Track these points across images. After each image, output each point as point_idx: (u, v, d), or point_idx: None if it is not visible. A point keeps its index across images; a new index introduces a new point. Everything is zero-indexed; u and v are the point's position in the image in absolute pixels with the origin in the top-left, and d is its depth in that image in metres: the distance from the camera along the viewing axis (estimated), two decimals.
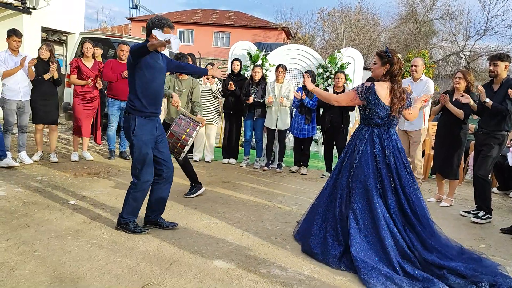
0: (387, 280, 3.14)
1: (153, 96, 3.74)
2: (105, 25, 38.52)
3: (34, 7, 10.59)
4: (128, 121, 3.73)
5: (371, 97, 3.68)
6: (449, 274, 3.24)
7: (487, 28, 26.88)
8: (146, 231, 3.84)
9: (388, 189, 3.63)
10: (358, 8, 33.91)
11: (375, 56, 3.86)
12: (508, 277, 3.23)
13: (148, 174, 3.75)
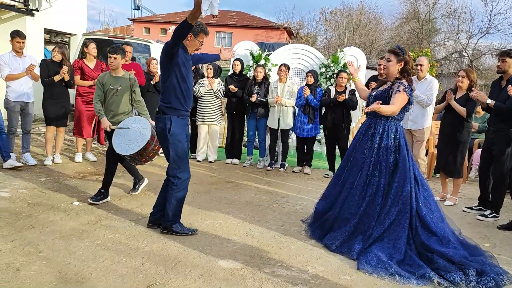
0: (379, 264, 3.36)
1: (188, 94, 3.77)
2: (107, 26, 38.61)
3: (36, 8, 10.61)
4: (163, 121, 3.68)
5: (411, 94, 3.85)
6: (438, 258, 3.38)
7: (490, 26, 26.81)
8: (195, 231, 3.88)
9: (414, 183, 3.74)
10: (360, 7, 33.91)
11: (388, 53, 3.88)
12: (495, 266, 3.35)
13: (187, 171, 3.79)
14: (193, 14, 3.24)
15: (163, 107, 3.72)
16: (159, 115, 3.73)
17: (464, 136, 5.42)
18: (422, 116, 6.02)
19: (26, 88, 5.98)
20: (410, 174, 3.75)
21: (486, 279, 3.18)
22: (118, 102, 4.75)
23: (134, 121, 4.63)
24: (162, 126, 3.68)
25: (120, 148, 4.44)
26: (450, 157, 5.48)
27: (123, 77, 4.81)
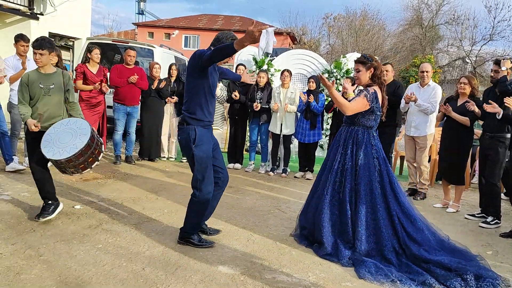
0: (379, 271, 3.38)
1: (213, 105, 3.68)
2: (111, 30, 38.81)
3: (41, 12, 10.69)
4: (187, 131, 3.53)
5: (375, 101, 3.83)
6: (434, 268, 3.41)
7: (493, 33, 26.87)
8: (212, 244, 3.75)
9: (387, 188, 3.79)
10: (363, 14, 34.00)
11: (356, 64, 3.96)
12: (490, 271, 3.41)
13: (209, 184, 3.62)
14: (242, 42, 3.09)
15: (187, 117, 3.55)
16: (183, 125, 3.57)
17: (466, 143, 5.41)
18: (425, 123, 6.01)
19: None
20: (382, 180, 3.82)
21: (486, 284, 3.23)
22: (51, 103, 4.11)
23: (68, 122, 4.09)
24: (186, 137, 3.53)
25: (52, 152, 3.85)
26: (452, 164, 5.46)
27: (55, 74, 4.17)
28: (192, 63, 3.48)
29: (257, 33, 2.92)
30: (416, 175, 6.30)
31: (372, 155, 3.85)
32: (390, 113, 6.34)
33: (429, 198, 6.22)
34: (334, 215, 3.83)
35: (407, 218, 3.77)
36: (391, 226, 3.74)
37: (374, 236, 3.73)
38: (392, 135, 6.47)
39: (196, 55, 3.46)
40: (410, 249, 3.62)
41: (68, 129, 3.99)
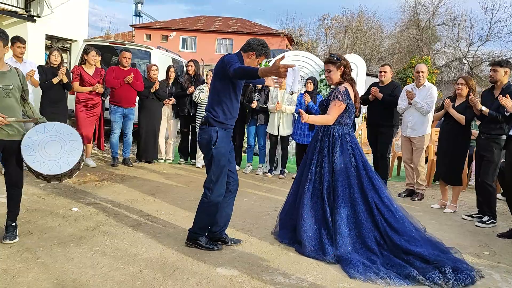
0: (367, 269, 3.41)
1: (237, 109, 3.66)
2: (108, 32, 38.77)
3: (38, 14, 10.67)
4: (209, 133, 3.53)
5: (348, 98, 3.92)
6: (414, 260, 3.52)
7: (490, 34, 26.90)
8: (220, 247, 3.74)
9: (365, 181, 3.89)
10: (360, 15, 34.01)
11: (326, 65, 4.03)
12: (465, 263, 3.57)
13: (222, 186, 3.65)
14: (266, 73, 3.17)
15: (211, 118, 3.54)
16: (205, 126, 3.57)
17: (463, 144, 5.43)
18: (422, 124, 6.03)
19: None
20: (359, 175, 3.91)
21: (464, 276, 3.34)
22: (12, 106, 3.49)
23: (54, 128, 3.59)
24: (207, 138, 3.54)
25: (39, 164, 3.45)
26: (450, 165, 5.48)
27: (11, 72, 3.58)
28: (220, 67, 3.46)
29: (282, 69, 3.04)
30: (413, 176, 6.31)
31: (348, 152, 3.92)
32: (387, 114, 6.38)
33: (426, 198, 6.23)
34: (317, 212, 3.89)
35: (388, 209, 3.85)
36: (371, 218, 3.82)
37: (356, 229, 3.80)
38: (389, 136, 6.48)
39: (224, 61, 3.43)
40: (392, 239, 3.72)
41: (56, 137, 3.55)
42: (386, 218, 3.81)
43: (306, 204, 3.88)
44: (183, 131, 7.63)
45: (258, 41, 3.56)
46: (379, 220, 3.80)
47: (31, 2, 10.51)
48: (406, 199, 6.13)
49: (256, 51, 3.52)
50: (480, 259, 3.95)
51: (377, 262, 3.55)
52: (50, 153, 3.51)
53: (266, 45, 3.57)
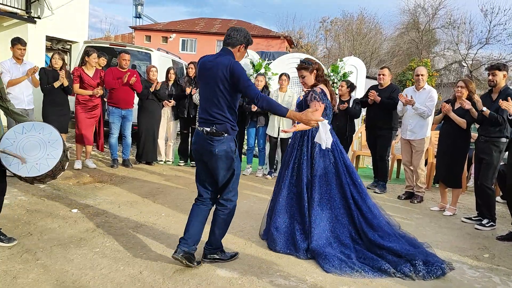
0: (342, 264, 3.52)
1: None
2: (108, 34, 38.81)
3: (38, 16, 10.67)
4: (228, 142, 3.22)
5: (325, 98, 4.02)
6: (387, 254, 3.67)
7: (489, 37, 27.01)
8: (237, 255, 3.63)
9: (343, 178, 3.98)
10: (360, 17, 34.12)
11: (299, 71, 4.13)
12: (436, 256, 3.70)
13: (237, 193, 3.47)
14: (295, 118, 3.24)
15: (229, 127, 3.21)
16: (221, 136, 3.18)
17: (463, 146, 5.43)
18: (421, 127, 6.04)
19: (26, 94, 6.00)
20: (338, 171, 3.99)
21: (435, 268, 3.51)
22: None
23: (33, 128, 3.46)
24: (227, 149, 3.21)
25: (24, 169, 3.30)
26: (449, 167, 5.48)
27: None
28: (230, 76, 3.09)
29: (313, 123, 3.20)
30: (413, 179, 6.31)
31: (327, 149, 3.94)
32: (387, 117, 6.39)
33: (426, 201, 6.23)
34: (292, 208, 3.98)
35: (366, 205, 3.97)
36: (348, 214, 3.94)
37: (331, 224, 3.90)
38: (388, 139, 6.50)
39: (235, 75, 3.09)
40: (367, 234, 3.84)
41: (35, 138, 3.41)
42: (364, 214, 3.94)
43: (281, 200, 3.99)
44: (183, 133, 7.63)
45: (242, 33, 3.29)
46: (355, 215, 3.92)
47: (31, 3, 10.51)
48: (405, 202, 6.13)
49: (244, 43, 3.30)
50: (479, 262, 3.96)
51: (352, 256, 3.68)
52: (29, 154, 3.34)
53: (248, 32, 3.36)
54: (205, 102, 3.26)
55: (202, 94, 3.30)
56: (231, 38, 3.27)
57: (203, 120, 3.26)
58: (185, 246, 3.29)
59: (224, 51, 3.28)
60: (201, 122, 3.28)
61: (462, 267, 3.80)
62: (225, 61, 3.14)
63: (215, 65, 3.17)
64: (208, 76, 3.20)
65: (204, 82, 3.27)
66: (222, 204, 3.37)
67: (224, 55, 3.22)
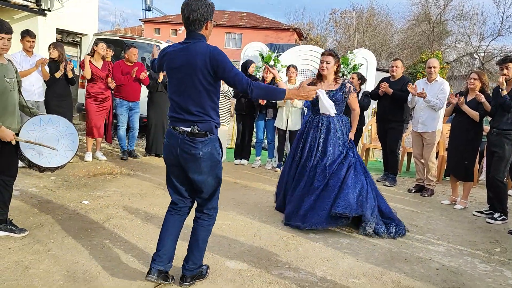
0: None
1: None
2: (118, 26, 38.89)
3: (49, 8, 10.72)
4: (212, 143, 2.77)
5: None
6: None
7: (502, 28, 26.65)
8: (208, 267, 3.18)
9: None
10: (370, 9, 33.79)
11: (327, 56, 4.41)
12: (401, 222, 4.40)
13: None
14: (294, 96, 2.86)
15: (213, 125, 2.78)
16: (205, 137, 2.73)
17: (475, 139, 5.37)
18: (433, 119, 5.97)
19: (37, 87, 6.02)
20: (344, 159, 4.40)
21: (402, 228, 4.29)
22: (15, 100, 3.45)
23: (41, 121, 3.53)
24: (212, 150, 2.77)
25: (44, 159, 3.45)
26: (461, 161, 5.42)
27: (9, 66, 3.45)
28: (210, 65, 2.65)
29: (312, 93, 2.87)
30: (423, 172, 6.26)
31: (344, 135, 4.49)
32: (398, 109, 6.33)
33: (436, 194, 6.18)
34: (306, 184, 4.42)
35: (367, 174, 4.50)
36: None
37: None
38: (399, 132, 6.44)
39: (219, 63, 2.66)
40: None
41: (53, 130, 3.54)
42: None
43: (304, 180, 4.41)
44: None
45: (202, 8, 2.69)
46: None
47: None
48: (415, 195, 6.08)
49: (210, 18, 2.77)
50: (491, 256, 3.92)
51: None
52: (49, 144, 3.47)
53: (209, 2, 2.77)
54: (180, 98, 2.74)
55: (176, 90, 2.77)
56: (193, 21, 2.69)
57: (178, 119, 2.76)
58: (160, 264, 2.86)
59: (192, 36, 2.74)
60: (176, 121, 2.77)
61: (474, 261, 3.76)
62: (201, 48, 2.66)
63: (189, 55, 2.67)
64: (182, 68, 2.70)
65: (176, 76, 2.74)
66: (207, 214, 2.94)
67: (195, 41, 2.71)
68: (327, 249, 3.81)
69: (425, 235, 4.38)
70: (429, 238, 4.30)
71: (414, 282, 3.27)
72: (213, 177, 2.83)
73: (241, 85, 2.71)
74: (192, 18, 2.68)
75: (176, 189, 2.96)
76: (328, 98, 3.87)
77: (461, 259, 3.80)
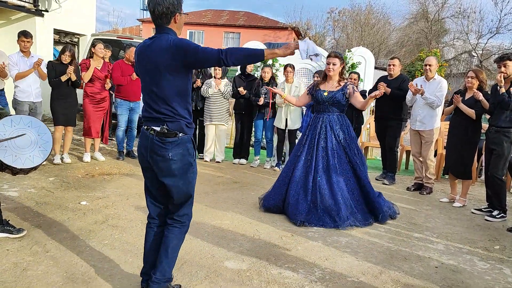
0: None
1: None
2: (116, 26, 38.85)
3: (46, 9, 10.69)
4: (185, 144, 2.57)
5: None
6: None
7: (499, 26, 26.69)
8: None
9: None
10: (368, 7, 33.84)
11: (333, 58, 4.64)
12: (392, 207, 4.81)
13: None
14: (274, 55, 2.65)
15: (183, 124, 2.58)
16: (175, 137, 2.54)
17: (473, 137, 5.37)
18: (431, 117, 5.97)
19: (34, 88, 6.03)
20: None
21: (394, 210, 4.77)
22: None
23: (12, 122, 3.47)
24: (183, 152, 2.57)
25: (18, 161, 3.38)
26: (459, 158, 5.42)
27: None
28: (176, 55, 2.46)
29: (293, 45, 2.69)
30: (422, 170, 6.26)
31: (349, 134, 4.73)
32: (396, 108, 6.33)
33: (435, 192, 6.18)
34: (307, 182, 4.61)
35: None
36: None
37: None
38: (398, 130, 6.45)
39: (184, 46, 2.46)
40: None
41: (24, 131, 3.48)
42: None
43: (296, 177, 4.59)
44: None
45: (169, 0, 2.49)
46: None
47: None
48: (414, 193, 6.09)
49: (177, 11, 2.55)
50: (490, 254, 3.92)
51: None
52: (20, 146, 3.41)
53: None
54: (149, 96, 2.59)
55: (144, 87, 2.63)
56: (159, 15, 2.51)
57: (149, 118, 2.61)
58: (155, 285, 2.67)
59: (159, 31, 2.57)
60: (147, 121, 2.62)
61: (473, 259, 3.76)
62: (163, 42, 2.49)
63: (153, 51, 2.52)
64: (147, 65, 2.55)
65: (143, 73, 2.61)
66: (179, 221, 2.71)
67: (161, 36, 2.54)
68: (326, 248, 3.81)
69: (424, 233, 4.38)
70: (428, 236, 4.30)
71: (413, 280, 3.27)
72: (185, 181, 2.62)
73: (213, 57, 2.48)
74: (158, 11, 2.50)
75: (153, 197, 2.77)
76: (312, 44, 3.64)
77: (460, 257, 3.80)
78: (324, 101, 4.69)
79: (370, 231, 4.31)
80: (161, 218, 2.78)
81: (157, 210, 2.78)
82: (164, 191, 2.70)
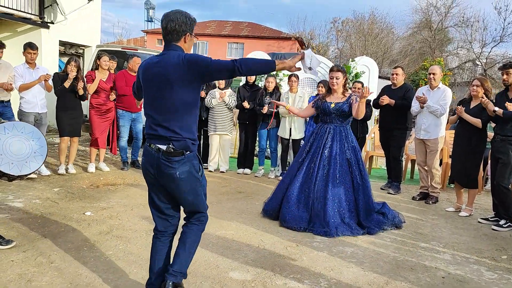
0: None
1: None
2: (121, 38, 39.17)
3: (52, 21, 10.81)
4: (191, 161, 2.61)
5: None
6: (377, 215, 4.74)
7: (503, 34, 26.68)
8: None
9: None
10: (371, 17, 33.95)
11: (336, 73, 4.79)
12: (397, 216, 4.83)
13: None
14: (284, 66, 2.66)
15: (190, 143, 2.60)
16: (181, 156, 2.56)
17: (479, 146, 5.34)
18: (436, 126, 5.95)
19: (39, 99, 6.07)
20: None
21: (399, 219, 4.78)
22: None
23: (5, 129, 3.49)
24: (189, 169, 2.60)
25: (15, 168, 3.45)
26: (465, 167, 5.39)
27: None
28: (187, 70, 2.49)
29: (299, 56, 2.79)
30: (427, 179, 6.22)
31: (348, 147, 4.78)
32: (400, 117, 6.32)
33: (441, 202, 6.14)
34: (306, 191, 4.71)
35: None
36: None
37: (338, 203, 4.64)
38: (402, 139, 6.43)
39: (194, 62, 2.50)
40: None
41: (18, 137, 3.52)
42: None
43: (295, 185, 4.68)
44: None
45: (181, 19, 2.60)
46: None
47: (44, 8, 10.65)
48: (420, 203, 6.05)
49: (189, 31, 2.63)
50: (497, 263, 3.88)
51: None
52: (15, 153, 3.44)
53: (187, 14, 2.67)
54: (157, 113, 2.58)
55: (150, 103, 2.63)
56: (171, 31, 2.58)
57: (153, 136, 2.60)
58: None
59: (168, 48, 2.63)
60: (151, 138, 2.62)
61: (480, 269, 3.72)
62: (174, 58, 2.52)
63: (163, 67, 2.53)
64: (156, 82, 2.56)
65: (151, 90, 2.60)
66: (197, 220, 2.81)
67: (169, 53, 2.59)
68: (332, 258, 3.78)
69: (430, 243, 4.34)
70: (434, 246, 4.26)
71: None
72: (194, 195, 2.68)
73: (228, 67, 2.51)
74: (169, 28, 2.57)
75: (159, 209, 2.78)
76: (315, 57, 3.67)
77: (467, 267, 3.76)
78: (331, 112, 4.77)
79: (375, 241, 4.28)
80: (169, 227, 2.81)
81: (164, 223, 2.80)
82: (173, 203, 2.77)
